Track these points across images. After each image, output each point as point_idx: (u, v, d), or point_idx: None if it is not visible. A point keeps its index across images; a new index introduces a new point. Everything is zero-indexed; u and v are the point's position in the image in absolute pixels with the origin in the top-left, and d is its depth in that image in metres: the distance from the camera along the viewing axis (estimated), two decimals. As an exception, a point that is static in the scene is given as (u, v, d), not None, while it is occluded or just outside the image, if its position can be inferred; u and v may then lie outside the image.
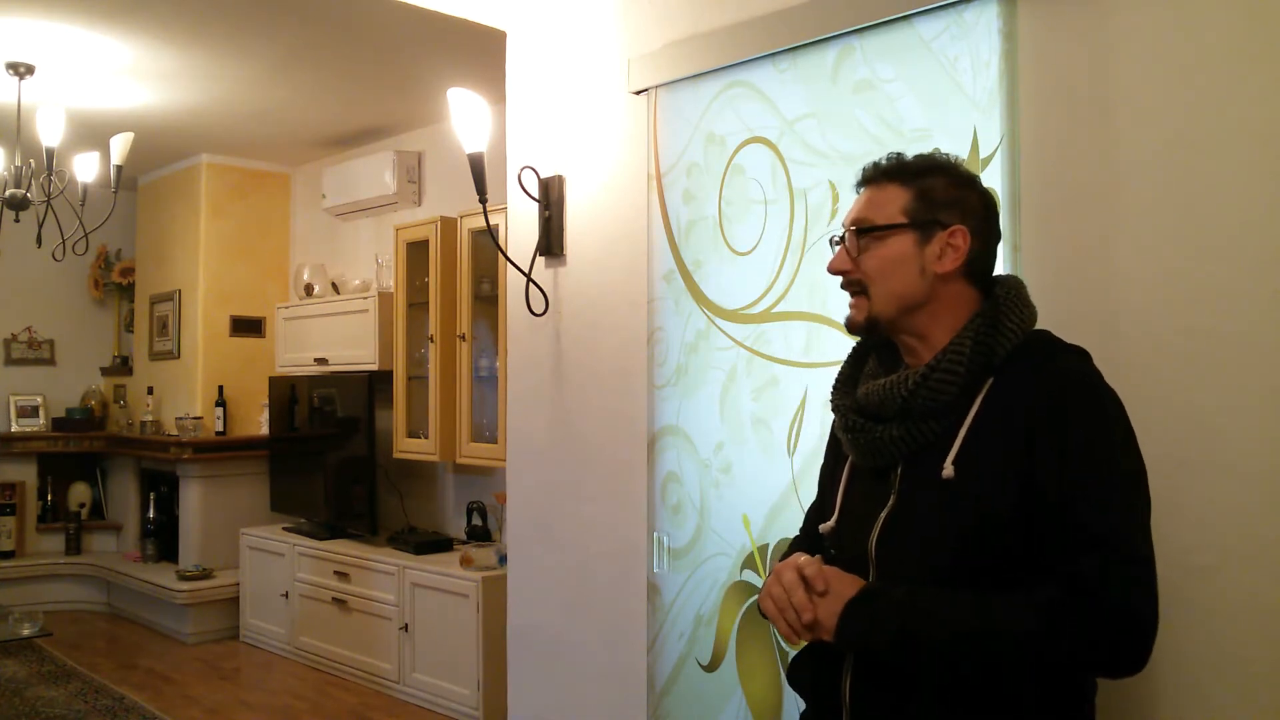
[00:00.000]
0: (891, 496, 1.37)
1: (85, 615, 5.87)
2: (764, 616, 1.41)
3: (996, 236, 1.43)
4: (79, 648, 5.16)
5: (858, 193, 1.47)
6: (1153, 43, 1.70)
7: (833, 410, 1.50)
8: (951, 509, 1.29)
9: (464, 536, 4.63)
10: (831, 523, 1.46)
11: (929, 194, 1.39)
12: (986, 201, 1.43)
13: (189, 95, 4.52)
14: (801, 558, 1.36)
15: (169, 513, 5.78)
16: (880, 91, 2.03)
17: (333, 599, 4.75)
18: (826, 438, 1.63)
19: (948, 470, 1.29)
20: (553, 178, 2.73)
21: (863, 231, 1.40)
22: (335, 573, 4.75)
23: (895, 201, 1.39)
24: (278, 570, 5.09)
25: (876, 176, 1.44)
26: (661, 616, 2.42)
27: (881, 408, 1.38)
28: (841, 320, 2.06)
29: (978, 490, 1.27)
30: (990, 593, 1.25)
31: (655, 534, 2.45)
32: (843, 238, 1.45)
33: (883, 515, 1.36)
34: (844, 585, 1.32)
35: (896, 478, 1.37)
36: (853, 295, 1.44)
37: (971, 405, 1.32)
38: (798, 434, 2.15)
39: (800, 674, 1.51)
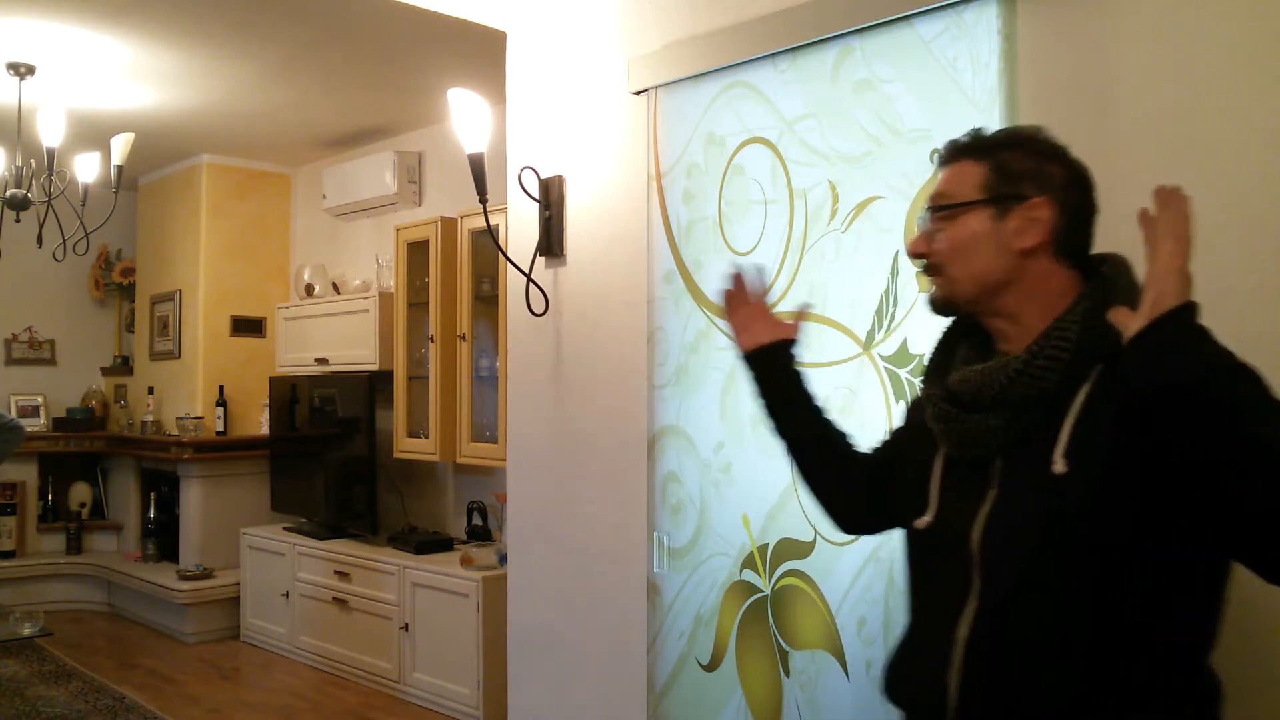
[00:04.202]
0: (992, 491, 1.28)
1: (86, 615, 5.87)
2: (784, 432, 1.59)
3: (1090, 211, 1.33)
4: (79, 647, 5.17)
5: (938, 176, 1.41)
6: (1152, 43, 1.70)
7: (923, 398, 1.42)
8: (1065, 506, 1.20)
9: (464, 536, 4.64)
10: (929, 517, 1.36)
11: (1006, 167, 1.31)
12: (1074, 174, 1.33)
13: (189, 95, 4.53)
14: None
15: (169, 512, 5.78)
16: (880, 92, 2.03)
17: (333, 599, 4.75)
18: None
19: (1059, 465, 1.20)
20: (553, 178, 2.74)
21: (936, 210, 1.34)
22: (336, 572, 4.76)
23: (970, 177, 1.33)
24: (278, 570, 5.10)
25: (953, 154, 1.37)
26: (661, 616, 2.42)
27: (977, 395, 1.29)
28: (842, 320, 2.08)
29: (1092, 486, 1.18)
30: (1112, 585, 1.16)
31: (655, 534, 2.45)
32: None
33: (985, 511, 1.28)
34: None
35: (996, 470, 1.28)
36: (931, 275, 1.37)
37: (1077, 393, 1.23)
38: (797, 434, 2.15)
39: (899, 678, 1.40)
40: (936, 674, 1.28)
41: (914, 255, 1.39)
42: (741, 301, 1.71)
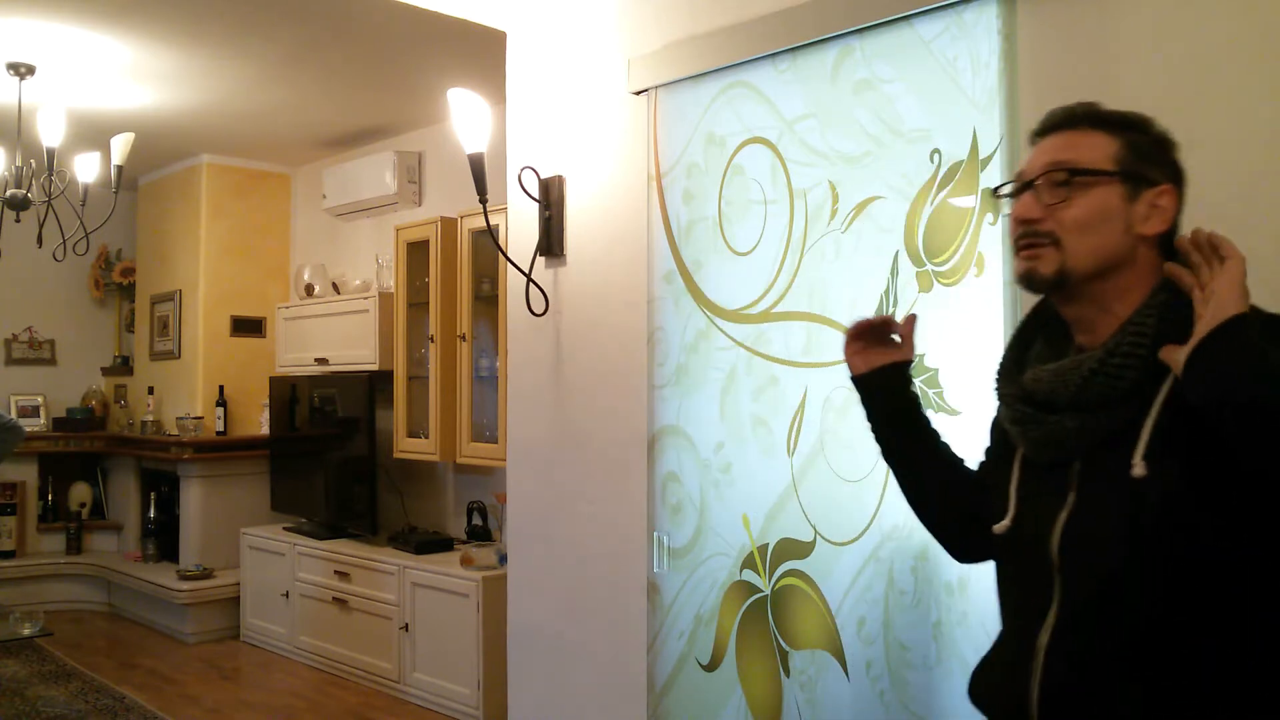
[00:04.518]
0: (1071, 494, 1.24)
1: (86, 615, 5.87)
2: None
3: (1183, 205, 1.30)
4: (80, 647, 5.17)
5: (1034, 142, 1.32)
6: (1151, 43, 1.70)
7: (997, 398, 1.36)
8: (1146, 512, 1.15)
9: (464, 536, 4.64)
10: (1008, 521, 1.32)
11: (1138, 146, 1.25)
12: (1180, 168, 1.29)
13: (189, 95, 4.53)
14: None
15: (169, 512, 5.79)
16: (880, 92, 2.03)
17: (333, 599, 4.75)
18: (821, 437, 1.60)
19: (1138, 468, 1.15)
20: (553, 178, 2.74)
21: (1075, 173, 1.23)
22: (336, 572, 4.76)
23: (1101, 148, 1.24)
24: (278, 570, 5.10)
25: (1071, 121, 1.28)
26: (661, 616, 2.42)
27: (1053, 396, 1.24)
28: (842, 320, 2.08)
29: (1175, 490, 1.14)
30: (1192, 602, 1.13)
31: (655, 534, 2.45)
32: (1023, 184, 1.28)
33: (1063, 517, 1.24)
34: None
35: (1075, 474, 1.24)
36: (1034, 247, 1.26)
37: (1158, 391, 1.18)
38: (797, 434, 2.15)
39: (984, 684, 1.36)
40: (1018, 682, 1.24)
41: (1023, 221, 1.27)
42: (868, 334, 1.54)
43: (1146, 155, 1.25)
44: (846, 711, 2.05)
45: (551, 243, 2.73)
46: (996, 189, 1.36)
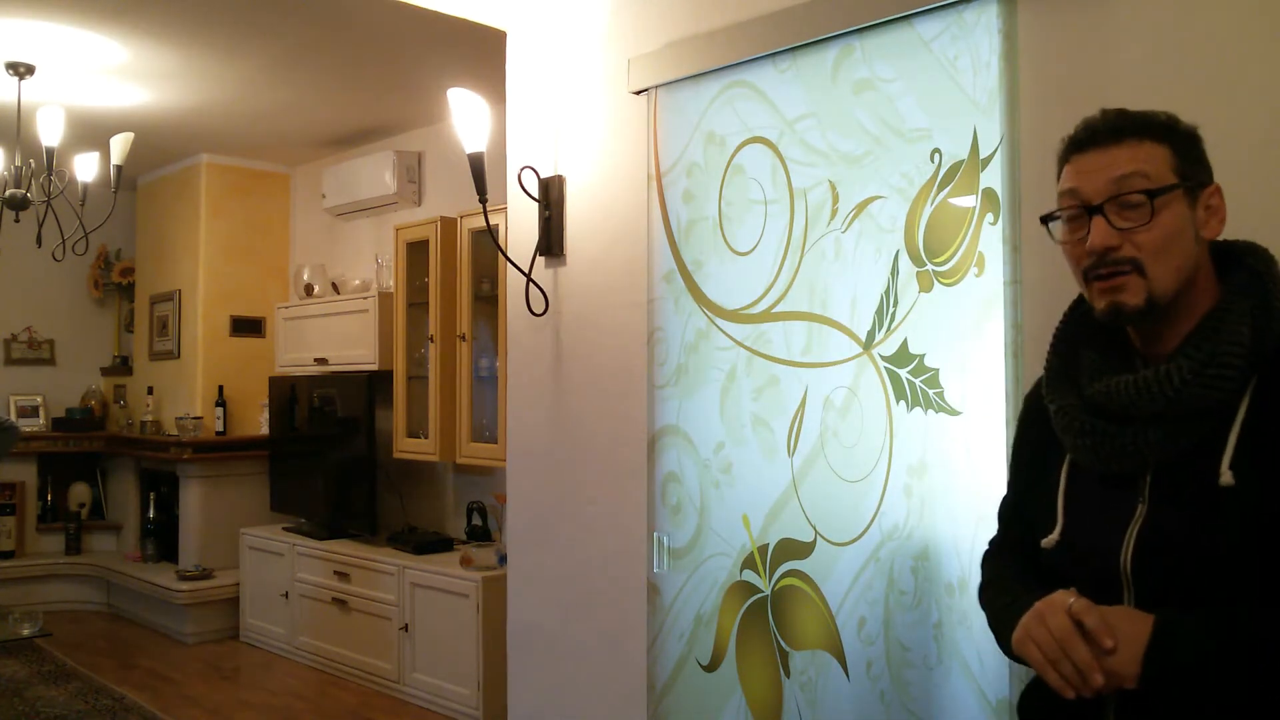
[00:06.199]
0: (1140, 506, 1.20)
1: (85, 615, 5.87)
2: (1015, 658, 1.24)
3: None
4: (79, 648, 5.17)
5: (1068, 159, 1.26)
6: (1152, 42, 1.70)
7: (1054, 411, 1.29)
8: (1232, 521, 1.12)
9: (464, 536, 4.64)
10: (1056, 535, 1.27)
11: (1185, 150, 1.21)
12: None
13: (189, 95, 4.53)
14: (1070, 598, 1.14)
15: (169, 513, 5.79)
16: (880, 91, 2.03)
17: (333, 599, 4.75)
18: (822, 437, 1.60)
19: (1226, 477, 1.12)
20: (553, 178, 2.74)
21: (1154, 194, 1.17)
22: (335, 573, 4.76)
23: (1161, 159, 1.19)
24: (278, 570, 5.10)
25: (1118, 134, 1.21)
26: (661, 616, 2.42)
27: (1132, 408, 1.19)
28: (842, 320, 2.08)
29: (1260, 498, 1.11)
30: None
31: (655, 534, 2.45)
32: (1083, 207, 1.21)
33: (1135, 529, 1.19)
34: (1132, 628, 1.11)
35: (1146, 485, 1.20)
36: (1112, 277, 1.20)
37: (1241, 401, 1.15)
38: (798, 434, 2.15)
39: (1041, 707, 1.30)
40: (1089, 703, 1.16)
41: (1102, 250, 1.19)
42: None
43: (1192, 156, 1.22)
44: (847, 712, 2.05)
45: (551, 243, 2.73)
46: (1047, 216, 1.28)
